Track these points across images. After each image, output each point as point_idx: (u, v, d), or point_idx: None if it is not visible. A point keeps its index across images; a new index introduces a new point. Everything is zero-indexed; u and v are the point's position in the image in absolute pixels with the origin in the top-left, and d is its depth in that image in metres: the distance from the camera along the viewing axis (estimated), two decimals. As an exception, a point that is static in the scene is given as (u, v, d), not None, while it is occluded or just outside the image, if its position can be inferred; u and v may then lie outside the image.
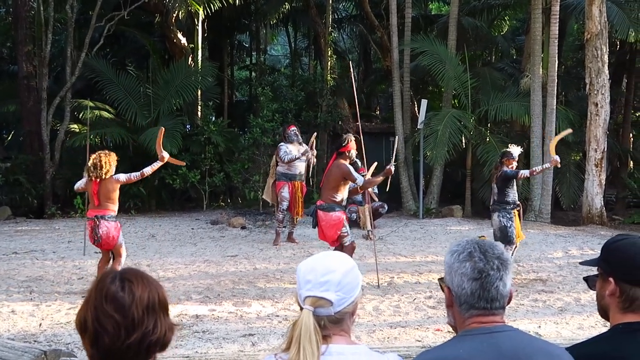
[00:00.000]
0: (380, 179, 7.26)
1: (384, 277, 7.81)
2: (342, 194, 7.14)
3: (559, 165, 8.22)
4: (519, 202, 7.88)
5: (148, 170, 6.90)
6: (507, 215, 7.63)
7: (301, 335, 1.65)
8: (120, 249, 6.83)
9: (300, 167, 10.21)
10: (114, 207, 6.77)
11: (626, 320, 1.83)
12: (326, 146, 16.23)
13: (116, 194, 6.79)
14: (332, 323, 1.72)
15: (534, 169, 8.48)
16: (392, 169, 7.21)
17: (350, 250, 7.02)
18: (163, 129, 7.71)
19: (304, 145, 10.36)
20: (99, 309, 1.47)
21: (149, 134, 13.56)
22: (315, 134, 10.74)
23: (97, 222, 6.68)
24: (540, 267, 8.63)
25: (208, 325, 5.79)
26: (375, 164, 8.16)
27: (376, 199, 10.77)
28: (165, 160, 7.04)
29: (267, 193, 10.68)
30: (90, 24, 14.40)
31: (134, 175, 6.83)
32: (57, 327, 5.71)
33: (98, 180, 6.67)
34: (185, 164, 7.51)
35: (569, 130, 9.32)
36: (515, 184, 7.80)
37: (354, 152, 7.17)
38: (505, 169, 7.68)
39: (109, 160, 6.73)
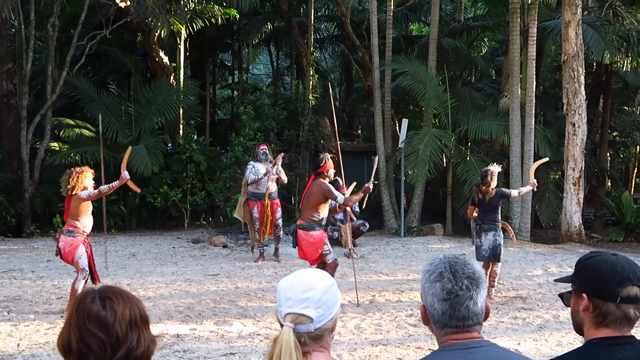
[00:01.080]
0: (359, 196, 7.30)
1: (365, 296, 7.83)
2: (322, 213, 7.15)
3: (536, 189, 8.49)
4: (503, 222, 8.03)
5: (105, 189, 6.82)
6: (502, 234, 7.73)
7: (282, 352, 1.67)
8: (77, 265, 6.76)
9: (269, 186, 10.19)
10: (77, 223, 6.75)
11: (600, 335, 1.87)
12: (308, 165, 16.27)
13: (83, 210, 6.76)
14: (312, 339, 1.75)
15: (520, 189, 8.76)
16: (371, 187, 7.25)
17: (332, 268, 7.03)
18: (130, 148, 7.79)
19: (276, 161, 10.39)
20: (83, 329, 1.48)
21: (130, 153, 13.48)
22: (282, 154, 10.74)
23: (58, 237, 6.80)
24: (520, 285, 8.70)
25: (189, 345, 5.75)
26: (355, 183, 8.20)
27: (354, 218, 10.81)
28: (125, 181, 7.00)
29: (239, 211, 10.71)
30: (71, 42, 14.37)
31: (93, 193, 6.79)
32: (36, 348, 5.64)
33: (68, 195, 6.75)
34: (140, 190, 7.51)
35: (546, 159, 9.68)
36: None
37: (332, 171, 7.20)
38: (502, 189, 7.84)
39: (78, 176, 6.73)
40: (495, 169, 7.89)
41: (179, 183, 14.46)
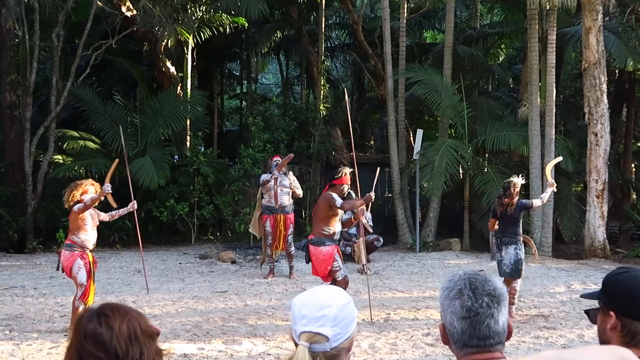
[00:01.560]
0: (360, 202, 7.26)
1: (379, 314, 7.79)
2: (334, 227, 7.13)
3: (555, 190, 8.31)
4: (524, 236, 7.98)
5: (88, 201, 6.77)
6: (523, 248, 7.71)
7: None
8: (75, 280, 6.82)
9: (282, 199, 10.21)
10: (75, 238, 6.83)
11: (629, 355, 1.85)
12: (319, 177, 16.29)
13: (80, 224, 6.82)
14: (328, 359, 1.73)
15: (542, 197, 8.45)
16: (373, 196, 7.22)
17: (343, 285, 6.99)
18: (117, 160, 8.04)
19: (288, 175, 10.37)
20: (82, 350, 1.49)
21: (136, 165, 13.59)
22: (291, 155, 10.69)
23: (60, 251, 6.96)
24: (542, 303, 8.63)
25: (196, 365, 5.74)
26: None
27: (371, 230, 10.80)
28: (105, 193, 7.01)
29: (254, 226, 10.74)
30: (76, 52, 14.52)
31: (81, 206, 6.79)
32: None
33: (70, 209, 6.88)
34: (116, 206, 7.58)
35: (560, 158, 9.56)
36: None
37: (346, 187, 7.21)
38: (523, 200, 7.79)
39: (72, 190, 6.83)
40: (518, 180, 7.86)
41: (185, 196, 14.51)
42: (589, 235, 12.97)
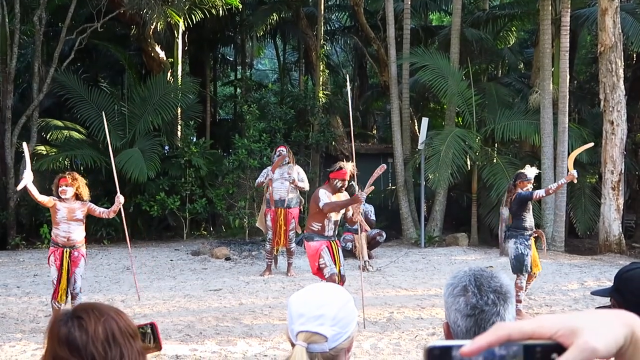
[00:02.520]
0: (343, 202, 7.21)
1: (382, 312, 7.83)
2: (322, 223, 7.23)
3: (576, 181, 8.22)
4: (537, 229, 7.97)
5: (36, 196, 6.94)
6: (525, 242, 7.73)
7: None
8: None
9: (281, 192, 10.23)
10: (52, 233, 7.07)
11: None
12: (318, 169, 16.31)
13: (53, 218, 7.01)
14: None
15: (549, 187, 8.46)
16: (363, 197, 7.17)
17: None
18: (25, 143, 8.18)
19: (293, 168, 10.37)
20: (56, 356, 1.47)
21: (124, 157, 13.60)
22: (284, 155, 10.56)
23: None
24: (554, 300, 8.67)
25: (189, 367, 5.77)
26: (372, 187, 8.20)
27: (368, 228, 10.82)
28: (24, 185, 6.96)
29: (260, 220, 10.80)
30: (60, 36, 14.50)
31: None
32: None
33: None
34: (34, 197, 7.51)
35: (591, 144, 9.45)
36: (531, 207, 7.88)
37: (339, 183, 7.23)
38: (519, 191, 7.78)
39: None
40: (530, 171, 7.90)
41: (177, 189, 14.53)
42: (604, 230, 13.01)
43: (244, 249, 12.69)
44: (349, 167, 7.35)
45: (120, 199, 7.48)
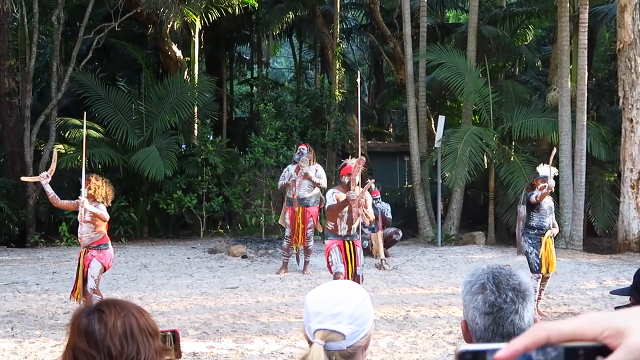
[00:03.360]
0: (340, 205, 7.11)
1: (399, 311, 7.82)
2: (335, 222, 7.30)
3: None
4: (553, 228, 7.90)
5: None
6: (529, 241, 7.79)
7: None
8: None
9: (299, 191, 10.20)
10: None
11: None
12: (334, 167, 16.30)
13: None
14: (344, 358, 1.75)
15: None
16: (353, 195, 7.08)
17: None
18: (56, 151, 8.39)
19: (313, 165, 10.32)
20: (75, 347, 1.49)
21: (142, 155, 13.68)
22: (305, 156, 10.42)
23: None
24: (572, 300, 8.61)
25: (206, 364, 5.80)
26: (370, 184, 8.17)
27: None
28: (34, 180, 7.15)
29: (282, 217, 10.80)
30: (77, 36, 14.62)
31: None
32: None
33: None
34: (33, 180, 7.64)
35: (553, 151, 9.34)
36: (542, 208, 7.83)
37: (346, 179, 7.22)
38: (529, 193, 7.87)
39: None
40: (543, 169, 7.90)
41: (193, 188, 14.59)
42: (623, 228, 12.90)
43: (260, 247, 12.72)
44: (353, 162, 7.35)
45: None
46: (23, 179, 8.95)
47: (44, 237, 13.88)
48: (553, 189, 7.91)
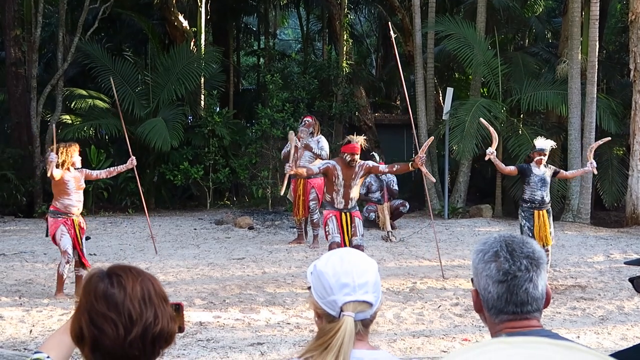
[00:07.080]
0: (288, 155, 7.80)
1: (405, 283, 7.83)
2: (332, 195, 7.30)
3: (596, 172, 8.25)
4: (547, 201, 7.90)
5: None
6: (522, 214, 7.90)
7: (343, 345, 1.65)
8: (59, 247, 7.11)
9: (301, 162, 10.12)
10: (57, 204, 7.09)
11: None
12: (342, 139, 16.22)
13: (59, 189, 7.02)
14: (365, 327, 1.75)
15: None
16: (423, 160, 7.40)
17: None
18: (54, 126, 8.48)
19: (314, 138, 10.25)
20: (92, 311, 1.49)
21: (148, 126, 13.65)
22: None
23: (47, 217, 7.42)
24: (579, 273, 8.59)
25: (213, 334, 5.83)
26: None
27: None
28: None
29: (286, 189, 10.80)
30: (83, 5, 14.50)
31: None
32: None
33: None
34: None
35: (608, 138, 9.33)
36: (532, 181, 7.80)
37: (348, 156, 7.20)
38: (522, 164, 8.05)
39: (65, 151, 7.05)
40: (540, 142, 7.95)
41: (200, 159, 14.57)
42: (631, 202, 12.84)
43: (267, 218, 12.74)
44: (359, 139, 7.32)
45: (133, 161, 7.66)
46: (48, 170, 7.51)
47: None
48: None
